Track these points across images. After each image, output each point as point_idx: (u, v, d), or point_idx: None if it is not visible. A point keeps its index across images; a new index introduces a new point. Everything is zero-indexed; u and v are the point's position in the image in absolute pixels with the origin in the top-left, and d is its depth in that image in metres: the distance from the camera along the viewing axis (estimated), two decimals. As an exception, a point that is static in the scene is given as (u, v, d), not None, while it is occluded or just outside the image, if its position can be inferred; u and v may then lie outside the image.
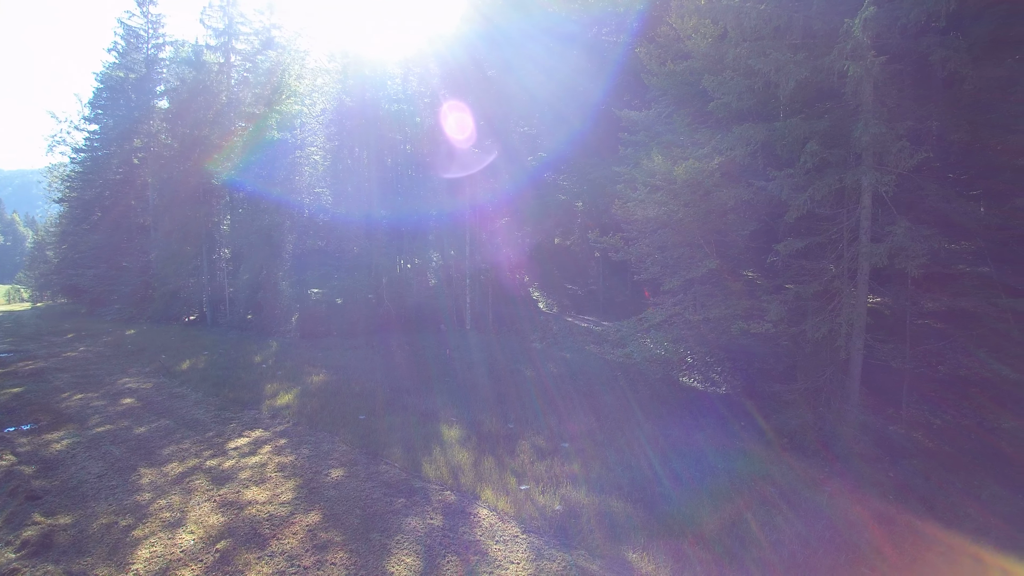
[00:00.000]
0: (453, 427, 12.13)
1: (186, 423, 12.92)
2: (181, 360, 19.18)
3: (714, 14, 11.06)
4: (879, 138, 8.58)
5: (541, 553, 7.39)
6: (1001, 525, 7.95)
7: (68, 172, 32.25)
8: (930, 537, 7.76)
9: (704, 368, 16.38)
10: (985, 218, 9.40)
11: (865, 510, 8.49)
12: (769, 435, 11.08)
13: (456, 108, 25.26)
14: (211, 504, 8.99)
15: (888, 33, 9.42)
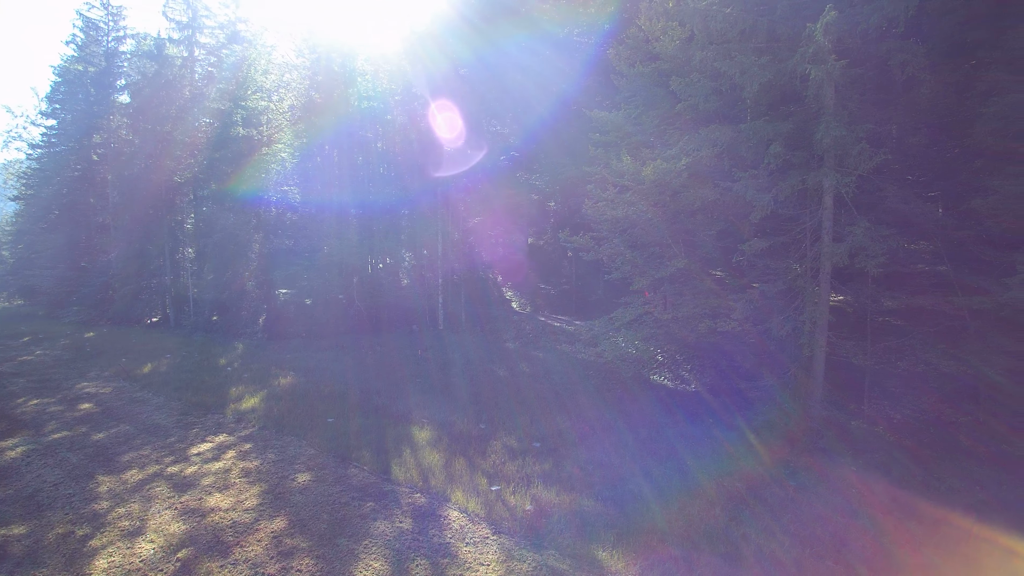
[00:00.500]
0: (424, 428, 12.01)
1: (147, 428, 12.52)
2: (142, 363, 18.58)
3: (681, 17, 11.18)
4: (840, 140, 8.79)
5: (511, 554, 7.36)
6: (959, 518, 8.22)
7: (24, 169, 30.90)
8: (890, 530, 7.98)
9: (674, 366, 16.59)
10: (942, 219, 9.72)
11: (828, 505, 8.68)
12: (736, 432, 11.25)
13: (428, 107, 25.06)
14: (172, 512, 8.73)
15: (849, 38, 9.66)
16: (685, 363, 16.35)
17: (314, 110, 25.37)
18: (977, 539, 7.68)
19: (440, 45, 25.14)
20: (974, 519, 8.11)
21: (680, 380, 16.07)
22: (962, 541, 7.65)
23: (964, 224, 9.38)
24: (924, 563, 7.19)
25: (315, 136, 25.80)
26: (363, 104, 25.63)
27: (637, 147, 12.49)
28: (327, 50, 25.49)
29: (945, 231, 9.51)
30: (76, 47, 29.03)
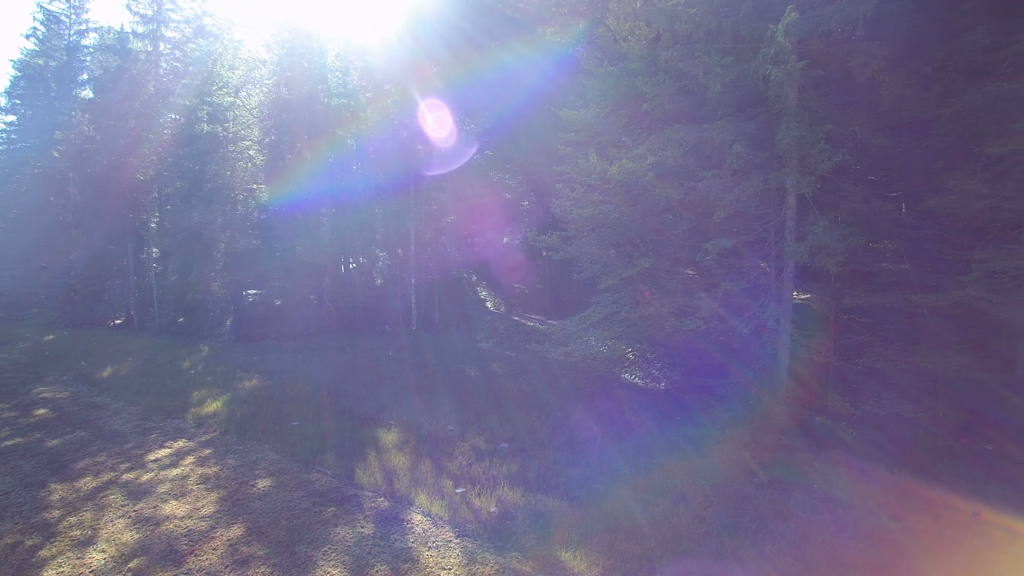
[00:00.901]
0: (391, 431, 11.84)
1: (103, 435, 12.11)
2: (103, 367, 18.00)
3: (648, 17, 11.21)
4: (800, 141, 8.90)
5: (474, 557, 7.26)
6: (915, 516, 8.37)
7: (-20, 166, 29.82)
8: (851, 524, 8.08)
9: (645, 365, 16.67)
10: (902, 219, 9.90)
11: (791, 500, 8.77)
12: (704, 429, 11.32)
13: (401, 104, 24.80)
14: (125, 520, 8.44)
15: (811, 39, 9.78)
16: (656, 362, 16.44)
17: (283, 107, 24.90)
18: (941, 534, 7.83)
19: (414, 42, 24.86)
20: (927, 518, 8.27)
21: (651, 378, 16.15)
22: (924, 536, 7.80)
23: (923, 223, 9.57)
24: (885, 560, 7.29)
25: (284, 133, 25.34)
26: (333, 101, 25.26)
27: (606, 146, 12.49)
28: (296, 46, 25.04)
29: (905, 230, 9.69)
30: (37, 41, 28.06)
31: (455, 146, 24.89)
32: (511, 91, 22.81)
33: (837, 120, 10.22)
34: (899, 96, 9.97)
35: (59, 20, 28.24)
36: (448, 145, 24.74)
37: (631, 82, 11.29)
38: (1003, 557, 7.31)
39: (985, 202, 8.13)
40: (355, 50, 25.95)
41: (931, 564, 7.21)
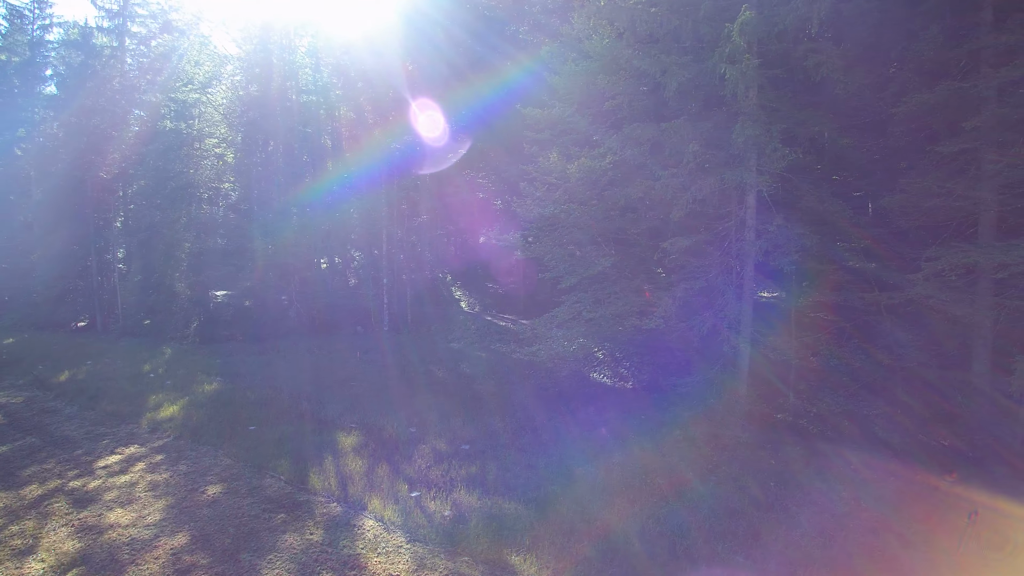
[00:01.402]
0: (351, 434, 11.62)
1: (54, 441, 11.73)
2: (60, 371, 17.45)
3: (611, 15, 11.16)
4: (754, 140, 8.91)
5: (423, 563, 7.11)
6: (867, 511, 8.42)
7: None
8: (805, 524, 8.10)
9: (614, 364, 16.66)
10: (860, 218, 9.97)
11: (746, 498, 8.77)
12: (666, 428, 11.31)
13: (374, 101, 24.53)
14: (68, 529, 8.17)
15: (769, 39, 9.80)
16: (624, 360, 16.43)
17: (252, 104, 24.43)
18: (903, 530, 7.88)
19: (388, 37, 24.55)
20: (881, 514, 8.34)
21: (619, 378, 16.12)
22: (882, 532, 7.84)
23: (880, 222, 9.65)
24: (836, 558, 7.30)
25: (253, 131, 24.87)
26: (303, 98, 24.89)
27: (570, 145, 12.42)
28: (266, 41, 24.57)
29: (863, 229, 9.76)
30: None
31: (427, 145, 24.66)
32: (484, 89, 22.65)
33: (797, 120, 10.28)
34: (858, 96, 10.05)
35: (22, 15, 27.42)
36: (420, 144, 24.51)
37: (594, 80, 11.23)
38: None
39: (935, 201, 8.20)
40: (325, 46, 25.57)
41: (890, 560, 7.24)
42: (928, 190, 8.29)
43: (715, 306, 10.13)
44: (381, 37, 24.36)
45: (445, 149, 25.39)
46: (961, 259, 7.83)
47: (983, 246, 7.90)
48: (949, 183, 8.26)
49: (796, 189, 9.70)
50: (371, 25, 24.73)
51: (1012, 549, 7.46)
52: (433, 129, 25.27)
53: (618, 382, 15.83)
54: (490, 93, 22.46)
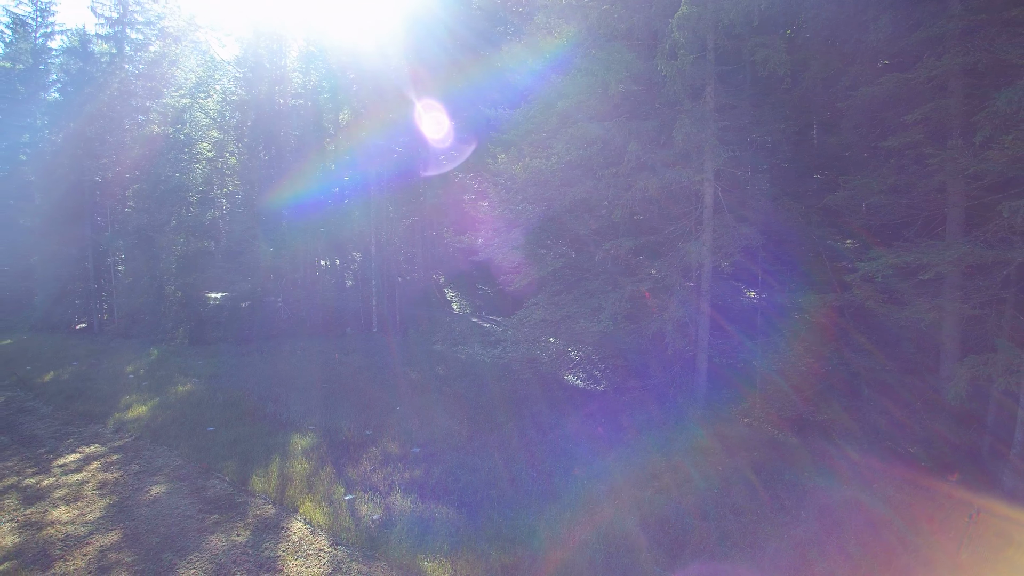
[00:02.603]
0: (307, 436, 11.62)
1: (22, 439, 11.94)
2: (45, 372, 17.78)
3: (566, 13, 11.05)
4: (695, 138, 8.72)
5: (339, 567, 7.06)
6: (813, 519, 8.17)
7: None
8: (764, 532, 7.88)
9: (588, 366, 16.48)
10: (810, 216, 9.70)
11: (692, 505, 8.56)
12: (622, 432, 11.13)
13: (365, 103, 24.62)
14: (12, 524, 8.33)
15: (713, 34, 9.60)
16: (600, 363, 16.25)
17: (242, 108, 24.74)
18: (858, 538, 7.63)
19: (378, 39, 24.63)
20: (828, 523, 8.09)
21: (592, 380, 15.94)
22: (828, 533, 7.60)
23: (827, 221, 9.39)
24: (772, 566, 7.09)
25: (243, 135, 25.17)
26: (292, 102, 25.11)
27: (536, 146, 12.32)
28: (257, 46, 24.87)
29: (812, 228, 9.49)
30: (3, 44, 27.90)
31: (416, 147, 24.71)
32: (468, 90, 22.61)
33: (752, 117, 10.06)
34: (810, 91, 9.80)
35: (25, 23, 28.12)
36: (408, 146, 24.57)
37: (548, 80, 11.12)
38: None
39: (877, 199, 7.92)
40: (316, 51, 25.77)
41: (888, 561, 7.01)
42: (867, 187, 8.01)
43: (669, 308, 9.92)
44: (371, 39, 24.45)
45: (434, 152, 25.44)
46: (888, 260, 7.50)
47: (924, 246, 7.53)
48: (892, 179, 7.96)
49: (739, 188, 9.48)
50: (359, 28, 24.87)
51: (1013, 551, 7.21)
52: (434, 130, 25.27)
53: (591, 384, 15.64)
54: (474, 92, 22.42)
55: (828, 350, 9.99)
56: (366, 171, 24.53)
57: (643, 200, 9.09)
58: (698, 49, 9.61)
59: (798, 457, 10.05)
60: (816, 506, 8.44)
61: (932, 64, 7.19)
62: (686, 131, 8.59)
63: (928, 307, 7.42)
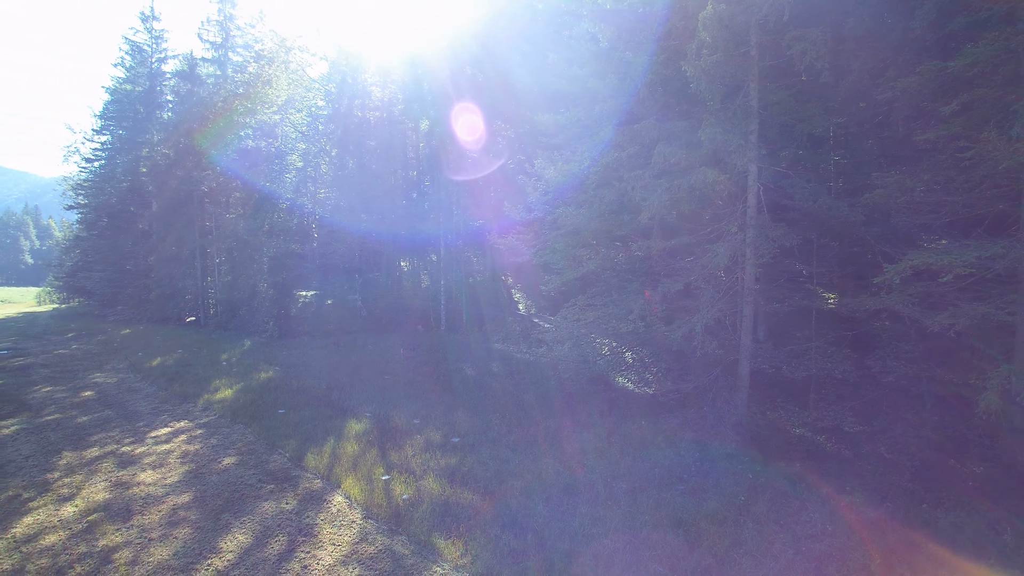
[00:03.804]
0: (361, 421, 12.61)
1: (126, 414, 13.82)
2: (154, 357, 20.32)
3: (607, 18, 11.25)
4: (718, 138, 8.62)
5: (365, 537, 7.77)
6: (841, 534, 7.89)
7: (80, 180, 34.44)
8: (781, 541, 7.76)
9: (641, 368, 16.41)
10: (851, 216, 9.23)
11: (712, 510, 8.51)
12: (659, 433, 11.12)
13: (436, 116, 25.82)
14: (105, 483, 9.74)
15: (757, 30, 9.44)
16: (652, 365, 16.14)
17: (325, 120, 26.78)
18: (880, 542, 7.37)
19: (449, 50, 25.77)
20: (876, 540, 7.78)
21: (644, 382, 15.87)
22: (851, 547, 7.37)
23: (875, 220, 8.92)
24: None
25: (327, 146, 27.22)
26: (372, 115, 26.80)
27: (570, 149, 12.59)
28: (339, 64, 26.88)
29: (854, 228, 9.05)
30: (124, 69, 32.05)
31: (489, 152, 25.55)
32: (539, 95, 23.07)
33: (795, 114, 9.78)
34: (857, 84, 9.40)
35: (142, 50, 32.11)
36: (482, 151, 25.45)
37: (587, 84, 11.37)
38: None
39: (908, 196, 7.48)
40: (393, 64, 27.38)
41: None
42: (902, 184, 7.56)
43: (699, 309, 9.83)
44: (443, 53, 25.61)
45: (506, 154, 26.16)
46: (910, 262, 6.99)
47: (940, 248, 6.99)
48: (924, 176, 7.47)
49: (781, 188, 9.22)
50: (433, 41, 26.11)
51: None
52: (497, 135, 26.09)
53: (642, 387, 15.59)
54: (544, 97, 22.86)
55: (878, 356, 9.48)
56: (438, 176, 25.74)
57: (670, 202, 9.10)
58: (737, 45, 9.49)
59: (837, 468, 9.62)
60: (847, 522, 8.11)
61: (970, 51, 6.70)
62: (712, 132, 8.53)
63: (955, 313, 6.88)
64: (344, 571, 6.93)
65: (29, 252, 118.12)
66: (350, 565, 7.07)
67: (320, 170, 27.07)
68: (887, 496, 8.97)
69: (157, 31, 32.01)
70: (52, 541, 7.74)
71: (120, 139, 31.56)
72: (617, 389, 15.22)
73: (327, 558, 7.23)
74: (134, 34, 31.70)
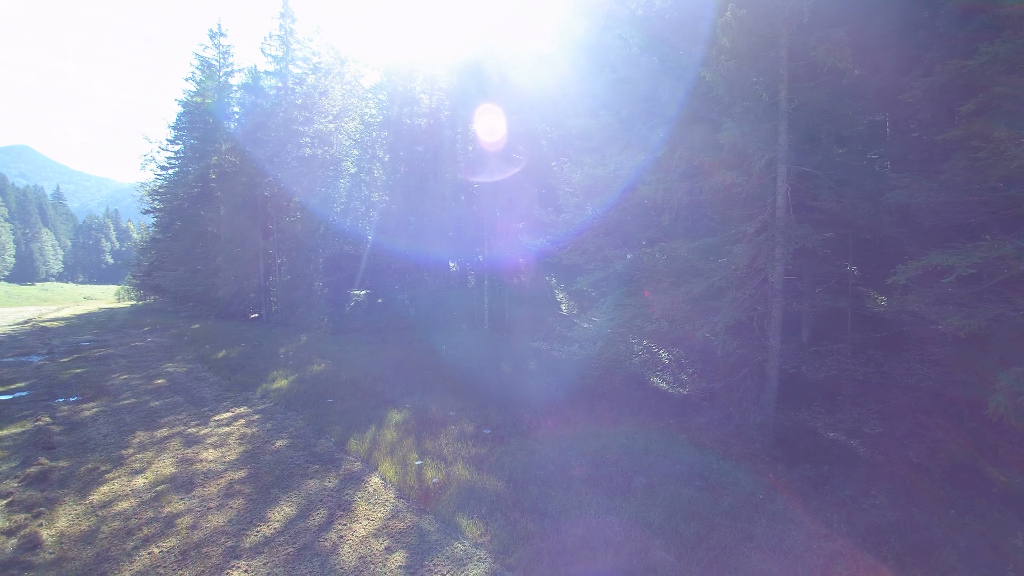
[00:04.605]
0: (401, 412, 13.42)
1: (192, 400, 15.21)
2: (220, 350, 22.02)
3: (636, 24, 11.59)
4: (738, 141, 8.80)
5: (396, 514, 8.47)
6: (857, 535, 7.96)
7: (156, 187, 37.48)
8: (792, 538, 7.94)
9: (677, 369, 16.53)
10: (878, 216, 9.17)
11: (728, 506, 8.72)
12: (683, 433, 11.35)
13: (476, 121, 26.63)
14: (173, 459, 10.91)
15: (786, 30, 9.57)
16: (688, 367, 16.24)
17: (377, 127, 28.07)
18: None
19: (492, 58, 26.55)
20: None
21: (678, 383, 16.00)
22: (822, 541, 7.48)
23: (901, 221, 8.85)
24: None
25: (379, 151, 28.51)
26: (420, 122, 27.91)
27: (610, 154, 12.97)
28: (390, 73, 28.13)
29: (883, 228, 9.00)
30: (195, 83, 34.63)
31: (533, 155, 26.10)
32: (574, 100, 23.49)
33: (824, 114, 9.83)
34: (886, 83, 9.38)
35: (211, 65, 34.59)
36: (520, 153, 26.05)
37: (615, 90, 11.74)
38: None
39: (925, 197, 7.43)
40: (440, 72, 28.38)
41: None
42: (919, 185, 7.51)
43: (719, 309, 9.98)
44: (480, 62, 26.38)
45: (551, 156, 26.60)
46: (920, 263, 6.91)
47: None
48: (941, 177, 7.39)
49: (804, 190, 9.29)
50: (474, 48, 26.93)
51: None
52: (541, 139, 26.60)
53: (675, 387, 15.74)
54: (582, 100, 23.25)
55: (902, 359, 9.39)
56: (482, 178, 26.53)
57: (691, 204, 9.35)
58: (764, 48, 9.63)
59: (866, 473, 9.59)
60: (864, 524, 8.15)
61: (987, 50, 6.63)
62: (732, 135, 8.73)
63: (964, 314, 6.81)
64: (375, 542, 7.64)
65: (110, 252, 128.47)
66: (380, 537, 7.77)
67: (373, 175, 28.41)
68: (914, 500, 8.92)
69: (224, 47, 34.47)
70: (124, 507, 8.83)
71: (191, 148, 34.20)
72: (650, 389, 15.43)
73: (361, 530, 7.97)
74: (203, 50, 34.37)
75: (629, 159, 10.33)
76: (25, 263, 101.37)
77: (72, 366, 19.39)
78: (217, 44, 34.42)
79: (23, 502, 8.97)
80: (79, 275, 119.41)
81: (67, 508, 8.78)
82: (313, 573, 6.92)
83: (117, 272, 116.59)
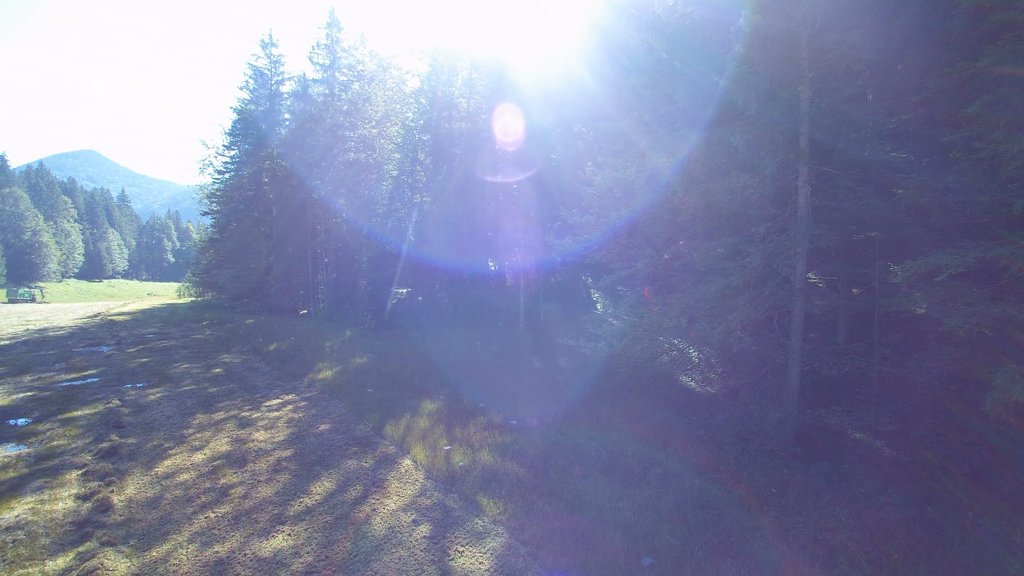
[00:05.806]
0: (435, 402, 14.21)
1: (246, 387, 16.47)
2: (271, 343, 23.48)
3: (656, 28, 11.97)
4: (752, 144, 9.07)
5: (424, 492, 9.21)
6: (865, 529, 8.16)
7: (213, 190, 39.86)
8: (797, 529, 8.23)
9: (706, 368, 16.71)
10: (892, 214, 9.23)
11: (740, 496, 9.05)
12: (706, 428, 11.65)
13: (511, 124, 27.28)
14: (228, 439, 12.02)
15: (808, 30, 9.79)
16: (718, 366, 16.40)
17: (419, 131, 29.11)
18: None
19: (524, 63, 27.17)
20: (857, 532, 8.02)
21: (707, 382, 16.18)
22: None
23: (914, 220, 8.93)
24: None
25: (420, 154, 29.55)
26: (457, 125, 28.79)
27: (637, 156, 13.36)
28: (430, 79, 29.12)
29: (899, 227, 9.10)
30: (248, 91, 36.67)
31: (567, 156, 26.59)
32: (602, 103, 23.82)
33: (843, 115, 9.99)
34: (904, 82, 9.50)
35: (263, 74, 36.52)
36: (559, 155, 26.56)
37: (641, 94, 12.14)
38: None
39: (931, 197, 7.54)
40: (477, 77, 29.19)
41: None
42: (924, 185, 7.62)
43: (736, 308, 10.24)
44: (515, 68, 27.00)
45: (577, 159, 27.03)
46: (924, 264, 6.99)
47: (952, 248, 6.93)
48: (946, 176, 7.47)
49: (821, 190, 9.46)
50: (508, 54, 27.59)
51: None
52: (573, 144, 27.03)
53: (704, 386, 15.93)
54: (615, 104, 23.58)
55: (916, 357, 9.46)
56: (517, 179, 27.19)
57: (706, 205, 9.66)
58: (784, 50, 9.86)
59: (885, 472, 9.69)
60: (874, 521, 8.33)
61: (991, 52, 6.70)
62: (746, 138, 9.01)
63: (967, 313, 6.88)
64: (404, 516, 8.39)
65: (171, 251, 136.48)
66: (409, 512, 8.52)
67: (415, 176, 29.50)
68: (931, 500, 9.00)
69: (275, 56, 36.40)
70: (184, 479, 9.91)
71: (246, 153, 36.29)
72: (678, 387, 15.69)
73: (392, 505, 8.74)
74: (256, 60, 36.39)
75: (652, 161, 10.71)
76: (93, 261, 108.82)
77: (138, 356, 21.17)
78: (268, 54, 36.38)
79: (96, 472, 10.18)
80: (143, 272, 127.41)
81: (135, 478, 9.93)
82: (348, 539, 7.72)
83: (178, 270, 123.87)
